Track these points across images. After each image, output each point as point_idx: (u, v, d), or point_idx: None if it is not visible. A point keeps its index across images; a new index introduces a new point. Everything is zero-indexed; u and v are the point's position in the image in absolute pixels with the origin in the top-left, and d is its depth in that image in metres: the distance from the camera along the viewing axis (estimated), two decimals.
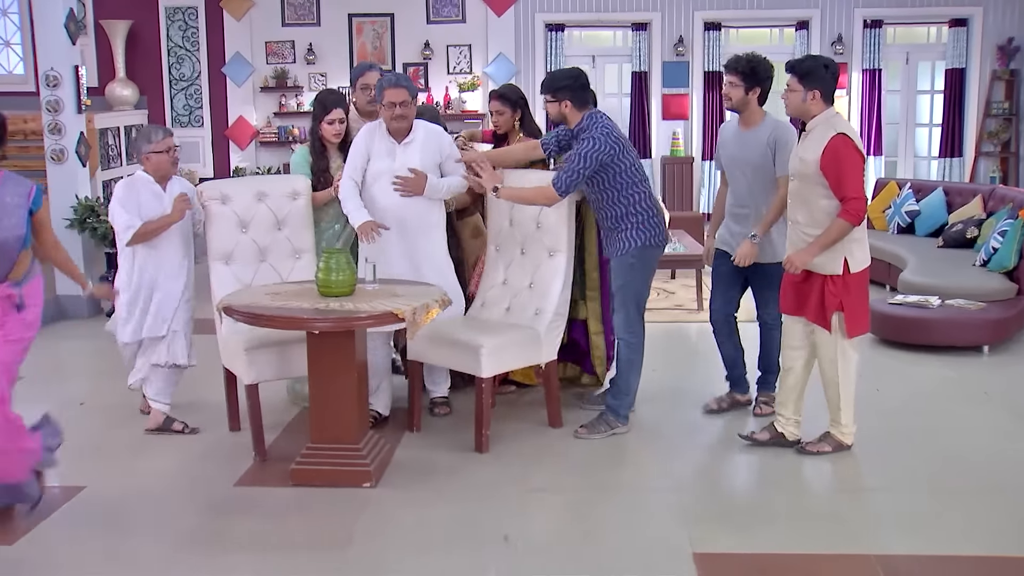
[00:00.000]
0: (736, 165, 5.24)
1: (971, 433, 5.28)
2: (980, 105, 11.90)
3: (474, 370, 4.95)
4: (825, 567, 3.84)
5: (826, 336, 4.73)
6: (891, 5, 11.75)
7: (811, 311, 4.74)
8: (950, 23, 11.83)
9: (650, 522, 4.26)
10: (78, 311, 8.04)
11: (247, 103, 12.11)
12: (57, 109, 7.89)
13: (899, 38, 12.03)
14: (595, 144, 4.89)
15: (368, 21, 12.01)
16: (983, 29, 11.81)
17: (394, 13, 11.96)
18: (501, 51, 11.94)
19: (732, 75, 5.09)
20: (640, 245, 5.05)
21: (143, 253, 5.14)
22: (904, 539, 4.07)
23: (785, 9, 11.85)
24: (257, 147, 12.20)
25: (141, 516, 4.42)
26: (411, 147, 5.18)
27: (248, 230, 5.30)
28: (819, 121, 4.69)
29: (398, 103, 5.06)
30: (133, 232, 5.04)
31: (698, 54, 11.93)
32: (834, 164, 4.56)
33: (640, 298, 5.16)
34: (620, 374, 5.20)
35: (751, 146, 5.14)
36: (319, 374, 4.60)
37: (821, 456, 4.86)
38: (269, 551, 4.01)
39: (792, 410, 4.95)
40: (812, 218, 4.68)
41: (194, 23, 12.10)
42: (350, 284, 4.61)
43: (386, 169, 5.15)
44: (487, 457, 4.94)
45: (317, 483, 4.58)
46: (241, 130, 12.10)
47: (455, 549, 4.01)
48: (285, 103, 12.06)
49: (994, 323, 6.68)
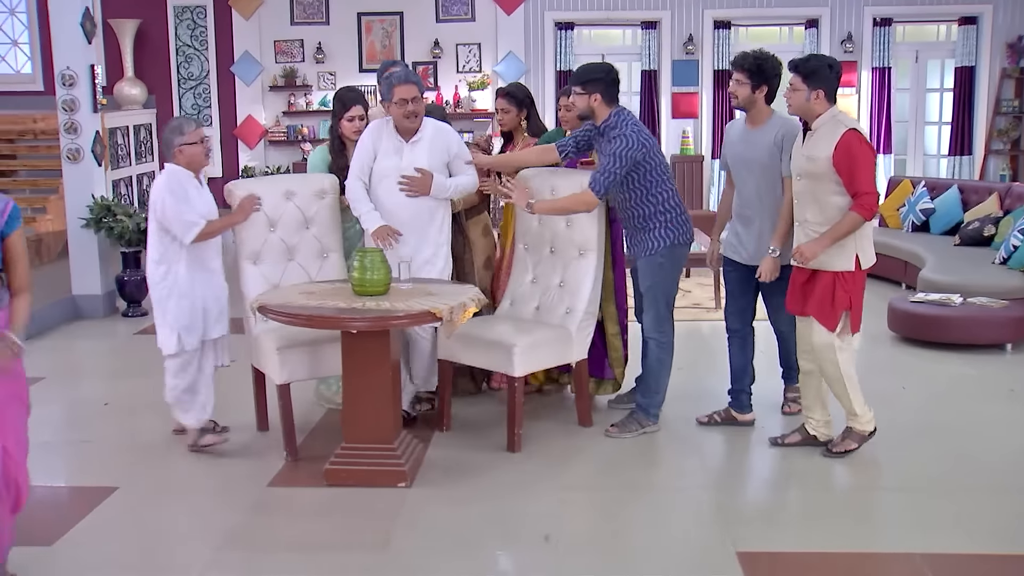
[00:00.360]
0: (743, 165, 5.07)
1: (1003, 431, 5.27)
2: (990, 103, 11.90)
3: (507, 369, 4.94)
4: (871, 566, 3.82)
5: (823, 335, 4.67)
6: (900, 3, 11.76)
7: (813, 307, 4.68)
8: (959, 21, 11.84)
9: (689, 521, 4.25)
10: (94, 311, 8.02)
11: (256, 102, 12.08)
12: (73, 108, 7.86)
13: (908, 36, 12.03)
14: (628, 143, 4.86)
15: (377, 20, 11.99)
16: (992, 27, 11.81)
17: (403, 11, 11.95)
18: (511, 49, 11.92)
19: (738, 72, 4.97)
20: (669, 244, 5.03)
21: (191, 255, 4.86)
22: (946, 537, 4.05)
23: (795, 7, 11.85)
24: (266, 146, 12.18)
25: (177, 517, 4.40)
26: (419, 145, 5.10)
27: (276, 229, 5.27)
28: (825, 119, 4.65)
29: (410, 99, 4.98)
30: (199, 230, 4.79)
31: (707, 52, 11.92)
32: (847, 159, 4.53)
33: (669, 297, 5.13)
34: (650, 373, 5.18)
35: (759, 145, 4.98)
36: (353, 373, 4.58)
37: (851, 454, 4.83)
38: (310, 551, 3.99)
39: (820, 411, 4.92)
40: (824, 216, 4.62)
41: (203, 22, 12.07)
42: (385, 283, 4.59)
43: (393, 168, 5.08)
44: (519, 456, 4.93)
45: (351, 483, 4.56)
46: (250, 129, 12.08)
47: (495, 548, 4.00)
48: (294, 102, 12.03)
49: (1017, 321, 6.67)
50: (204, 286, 4.92)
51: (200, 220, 4.82)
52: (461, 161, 5.22)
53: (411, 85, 4.99)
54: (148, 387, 6.15)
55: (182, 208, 4.78)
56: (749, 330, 5.26)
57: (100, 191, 8.05)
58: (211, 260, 4.99)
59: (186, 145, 4.87)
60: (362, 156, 5.14)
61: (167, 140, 4.90)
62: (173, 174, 4.88)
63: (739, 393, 5.28)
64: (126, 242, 7.90)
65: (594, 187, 4.86)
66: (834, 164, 4.55)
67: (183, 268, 4.85)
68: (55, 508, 4.42)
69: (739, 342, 5.27)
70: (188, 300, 4.85)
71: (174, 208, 4.77)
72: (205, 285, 4.93)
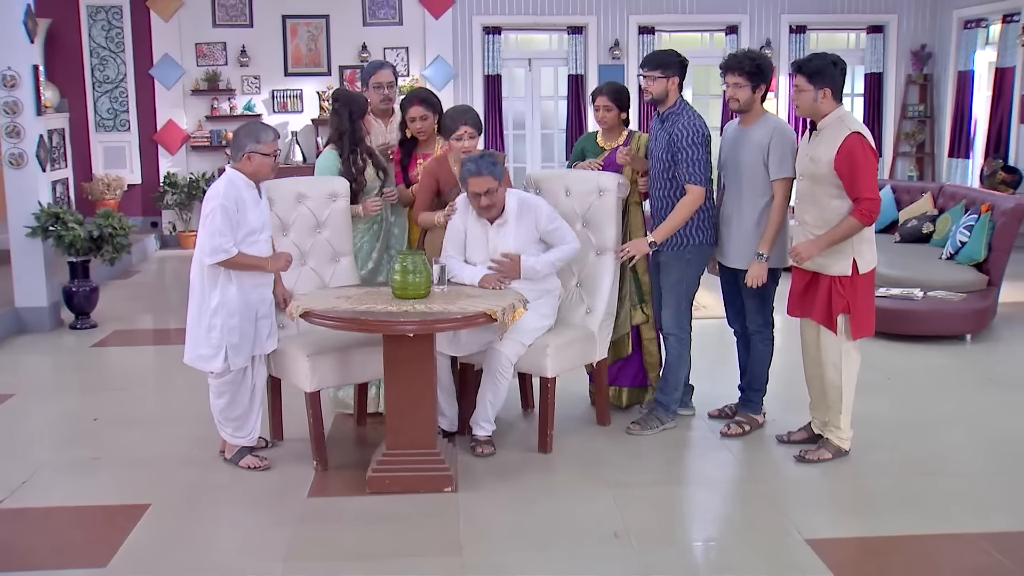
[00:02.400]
0: (732, 164, 5.04)
1: (994, 415, 5.56)
2: (897, 108, 12.50)
3: (539, 370, 4.93)
4: (936, 547, 3.95)
5: (831, 339, 4.70)
6: (814, 12, 12.22)
7: (818, 312, 4.70)
8: (868, 29, 12.40)
9: (748, 512, 4.33)
10: (39, 324, 7.63)
11: (177, 106, 11.72)
12: (16, 111, 7.46)
13: (822, 43, 12.50)
14: (691, 130, 4.92)
15: (303, 23, 11.78)
16: (898, 35, 12.42)
17: (329, 15, 11.79)
18: (439, 54, 11.89)
19: (736, 76, 4.87)
20: (697, 243, 5.09)
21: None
22: (999, 517, 4.22)
23: (716, 14, 12.19)
24: (188, 152, 11.81)
25: (224, 531, 4.23)
26: (504, 228, 4.90)
27: (289, 233, 5.14)
28: (831, 120, 4.59)
29: (482, 193, 4.77)
30: (225, 258, 4.47)
31: (633, 57, 12.14)
32: (848, 163, 4.48)
33: (690, 295, 5.20)
34: (670, 370, 5.25)
35: (746, 144, 4.96)
36: (397, 378, 4.50)
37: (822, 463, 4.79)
38: (380, 559, 3.88)
39: (826, 411, 4.92)
40: (822, 219, 4.61)
41: (118, 23, 11.64)
42: (427, 286, 4.53)
43: (481, 258, 4.94)
44: (553, 456, 4.92)
45: (396, 490, 4.47)
46: (171, 134, 11.70)
47: (568, 547, 3.97)
48: (217, 106, 11.71)
49: (976, 313, 7.04)
50: (258, 300, 4.67)
51: (233, 249, 4.48)
52: (555, 232, 4.96)
53: (484, 177, 4.73)
54: (128, 401, 6.00)
55: (221, 229, 4.45)
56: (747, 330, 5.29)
57: (46, 198, 7.67)
58: (262, 272, 4.70)
59: (258, 154, 4.57)
60: (454, 236, 4.97)
61: (240, 142, 4.57)
62: (233, 182, 4.57)
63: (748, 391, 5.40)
64: (76, 251, 7.55)
65: (695, 180, 4.92)
66: (835, 167, 4.50)
67: (233, 284, 4.58)
68: (94, 528, 4.19)
69: (743, 342, 5.34)
70: (237, 317, 4.58)
71: (216, 224, 4.45)
72: (259, 300, 4.67)
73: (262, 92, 11.84)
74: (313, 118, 11.78)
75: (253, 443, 4.87)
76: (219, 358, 4.61)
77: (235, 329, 4.59)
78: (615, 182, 5.18)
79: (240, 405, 4.77)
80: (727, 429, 5.23)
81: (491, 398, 4.91)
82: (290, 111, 11.88)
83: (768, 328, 5.19)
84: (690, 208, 4.96)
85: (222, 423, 4.80)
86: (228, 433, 4.81)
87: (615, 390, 5.56)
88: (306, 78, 11.86)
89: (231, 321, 4.58)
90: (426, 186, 5.22)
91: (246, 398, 4.78)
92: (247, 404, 4.79)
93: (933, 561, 3.86)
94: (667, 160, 5.01)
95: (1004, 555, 3.87)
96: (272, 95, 11.85)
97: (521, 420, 5.51)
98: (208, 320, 4.59)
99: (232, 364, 4.63)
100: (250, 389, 4.79)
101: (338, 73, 11.87)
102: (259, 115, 11.63)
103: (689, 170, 4.94)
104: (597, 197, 5.22)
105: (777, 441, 5.11)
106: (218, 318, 4.58)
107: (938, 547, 3.96)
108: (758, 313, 5.16)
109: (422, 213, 5.25)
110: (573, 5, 12.04)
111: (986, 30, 12.04)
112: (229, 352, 4.61)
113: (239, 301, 4.59)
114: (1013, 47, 11.25)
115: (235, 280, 4.58)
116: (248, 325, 4.63)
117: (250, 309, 4.63)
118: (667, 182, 5.06)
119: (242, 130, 4.63)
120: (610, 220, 5.22)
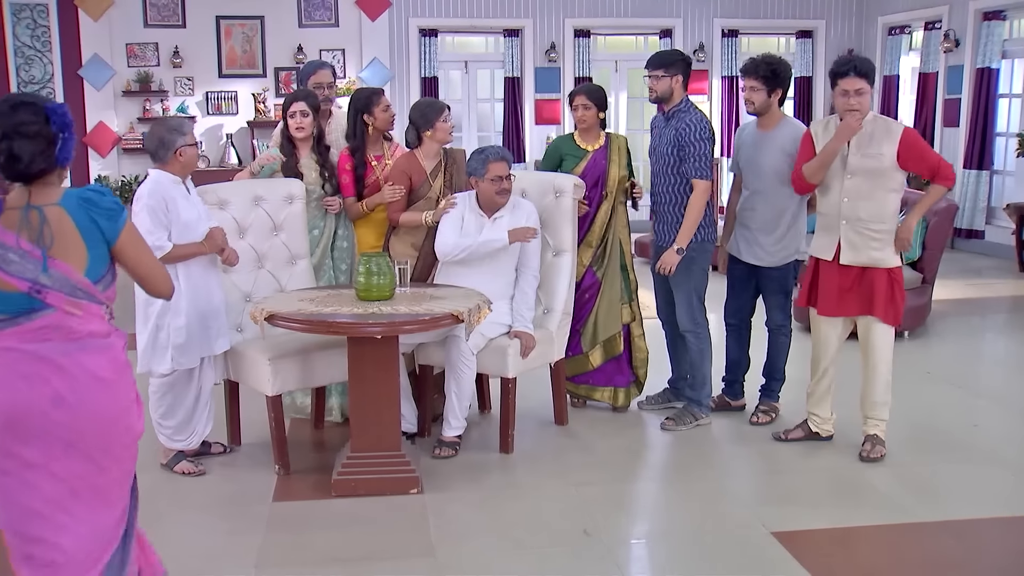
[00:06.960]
0: (753, 167, 5.18)
1: (938, 408, 5.75)
2: (825, 110, 12.80)
3: (501, 371, 4.95)
4: (899, 536, 4.08)
5: (884, 334, 4.78)
6: (746, 16, 12.47)
7: (879, 307, 4.75)
8: (797, 34, 12.70)
9: (714, 506, 4.40)
10: None
11: (107, 108, 11.49)
12: None
13: (753, 47, 12.77)
14: (699, 126, 5.03)
15: (237, 24, 11.65)
16: (826, 40, 12.72)
17: (264, 16, 11.68)
18: (375, 56, 11.84)
19: (753, 80, 5.02)
20: (700, 240, 5.17)
21: (187, 266, 4.51)
22: (954, 505, 4.38)
23: (650, 18, 12.37)
24: (120, 154, 11.58)
25: (191, 539, 4.16)
26: (500, 223, 5.01)
27: (246, 236, 5.09)
28: (872, 119, 4.65)
29: (504, 176, 4.92)
30: (163, 254, 4.31)
31: (569, 60, 12.24)
32: (917, 149, 4.64)
33: (700, 290, 5.28)
34: (695, 367, 5.31)
35: (770, 148, 5.09)
36: (362, 380, 4.48)
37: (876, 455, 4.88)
38: (358, 563, 3.86)
39: (827, 410, 5.06)
40: (878, 213, 4.68)
41: (44, 22, 11.36)
42: (391, 288, 4.52)
43: None
44: (515, 456, 4.96)
45: (362, 492, 4.46)
46: (101, 137, 11.46)
47: (540, 546, 4.01)
48: (150, 108, 11.50)
49: (912, 310, 7.23)
50: (205, 300, 4.58)
51: (167, 244, 4.38)
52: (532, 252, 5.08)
53: (504, 162, 4.94)
54: None
55: (150, 228, 4.31)
56: (745, 325, 5.49)
57: None
58: (210, 271, 4.65)
59: (187, 147, 4.49)
60: (455, 225, 5.00)
61: (167, 141, 4.44)
62: (159, 184, 4.45)
63: (733, 382, 5.55)
64: None
65: (702, 175, 5.05)
66: (903, 159, 4.59)
67: (180, 283, 4.45)
68: None
69: (736, 335, 5.50)
70: (184, 317, 4.50)
71: (148, 224, 4.31)
72: (206, 300, 4.59)
73: (196, 94, 11.67)
74: (249, 120, 11.64)
75: (194, 448, 4.80)
76: (166, 359, 4.52)
77: (181, 329, 4.49)
78: (572, 183, 5.24)
79: (183, 408, 4.69)
80: (756, 418, 5.39)
81: (456, 389, 4.91)
82: (225, 113, 11.73)
83: (789, 322, 5.33)
84: (701, 202, 5.08)
85: (160, 425, 4.70)
86: (166, 436, 4.71)
87: (612, 391, 5.60)
88: (241, 80, 11.72)
89: (177, 321, 4.48)
90: (401, 184, 5.20)
91: (190, 401, 4.71)
92: (191, 408, 4.72)
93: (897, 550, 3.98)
94: (673, 156, 5.11)
95: (961, 542, 4.01)
96: (206, 97, 11.69)
97: (479, 421, 5.52)
98: (154, 321, 4.50)
99: (177, 364, 4.54)
100: (195, 392, 4.72)
101: (273, 75, 11.75)
102: (192, 117, 11.44)
103: (696, 165, 5.05)
104: (554, 198, 5.27)
105: (773, 438, 5.17)
106: (164, 319, 4.48)
107: (899, 536, 4.08)
108: (780, 310, 5.32)
109: (403, 213, 5.22)
110: (509, 8, 12.10)
111: (910, 36, 12.41)
112: (174, 353, 4.52)
113: (185, 301, 4.49)
114: (935, 53, 11.61)
115: (180, 279, 4.45)
116: (195, 325, 4.54)
117: (197, 309, 4.54)
118: (671, 177, 5.16)
119: (162, 129, 4.48)
120: (567, 221, 5.27)
